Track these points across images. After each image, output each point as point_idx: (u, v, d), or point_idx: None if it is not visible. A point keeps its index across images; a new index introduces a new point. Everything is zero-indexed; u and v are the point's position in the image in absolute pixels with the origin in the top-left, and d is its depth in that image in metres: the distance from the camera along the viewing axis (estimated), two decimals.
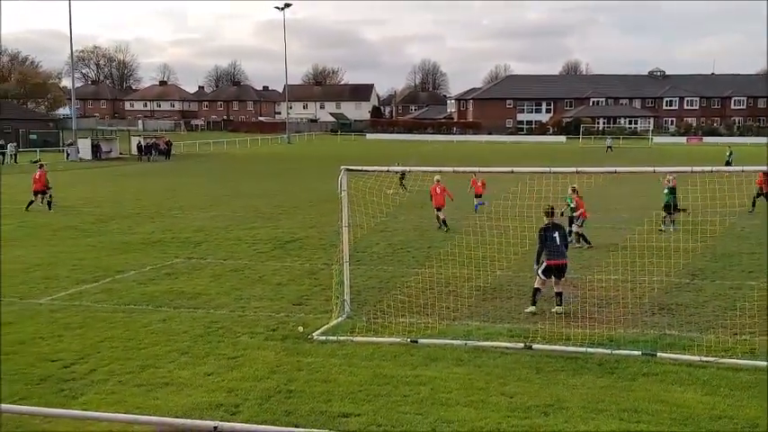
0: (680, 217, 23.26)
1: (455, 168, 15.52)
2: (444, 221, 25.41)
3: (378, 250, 21.79)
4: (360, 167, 15.37)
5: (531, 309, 14.80)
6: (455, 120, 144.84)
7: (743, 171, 14.61)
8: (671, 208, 24.09)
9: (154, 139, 75.34)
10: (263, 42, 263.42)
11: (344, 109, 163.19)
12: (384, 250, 21.92)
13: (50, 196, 31.21)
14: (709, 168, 13.25)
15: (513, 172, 15.01)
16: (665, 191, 24.44)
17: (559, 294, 14.85)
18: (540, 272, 14.86)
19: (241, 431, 6.47)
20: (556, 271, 14.75)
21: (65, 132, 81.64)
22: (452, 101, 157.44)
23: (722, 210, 27.36)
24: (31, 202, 31.06)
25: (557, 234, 14.85)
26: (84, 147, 68.13)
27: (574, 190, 21.86)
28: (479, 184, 29.39)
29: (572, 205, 22.05)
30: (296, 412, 9.88)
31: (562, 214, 21.39)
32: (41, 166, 32.92)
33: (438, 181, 25.35)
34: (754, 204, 28.67)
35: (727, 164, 48.67)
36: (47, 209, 30.66)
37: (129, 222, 28.01)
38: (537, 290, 14.94)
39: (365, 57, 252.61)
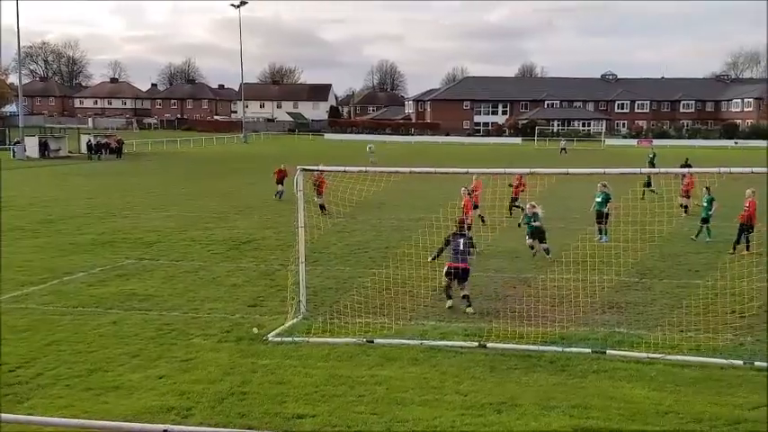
0: (628, 218, 23.65)
1: (411, 169, 15.59)
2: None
3: (335, 251, 21.76)
4: (316, 167, 15.37)
5: (449, 303, 15.35)
6: (413, 121, 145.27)
7: (695, 172, 14.95)
8: (602, 216, 22.88)
9: (105, 138, 74.02)
10: (219, 40, 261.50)
11: (302, 109, 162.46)
12: (341, 251, 21.90)
13: None
14: (656, 171, 13.52)
15: (468, 173, 15.19)
16: (598, 198, 23.22)
17: (466, 297, 15.33)
18: (444, 274, 15.55)
19: None
20: (455, 274, 15.28)
21: (11, 130, 79.66)
22: (410, 102, 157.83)
23: (669, 211, 27.97)
24: None
25: (461, 240, 15.47)
26: (32, 145, 66.58)
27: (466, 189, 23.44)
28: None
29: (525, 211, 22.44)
30: (250, 414, 9.83)
31: (519, 225, 22.35)
32: None
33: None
34: (686, 210, 28.28)
35: (651, 165, 50.23)
36: None
37: (78, 223, 27.52)
38: (447, 287, 15.52)
39: (323, 56, 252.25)
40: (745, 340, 12.88)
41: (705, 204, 23.70)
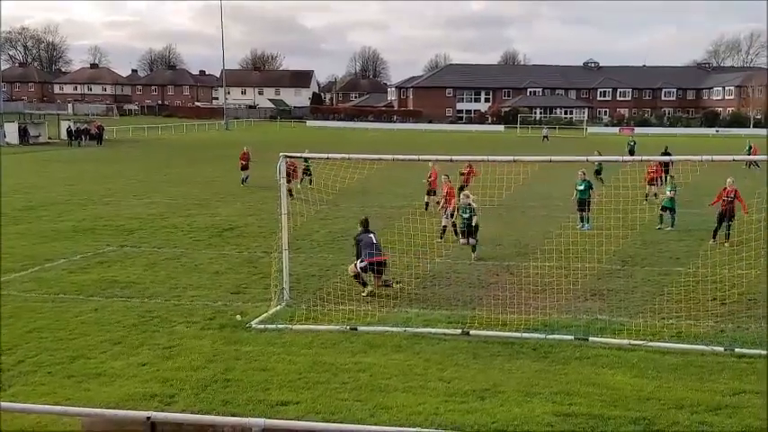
0: (610, 205, 23.79)
1: (395, 157, 15.56)
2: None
3: (318, 238, 21.73)
4: (299, 154, 15.30)
5: (368, 289, 15.35)
6: (395, 108, 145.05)
7: (687, 160, 15.04)
8: (585, 204, 23.12)
9: (85, 124, 73.38)
10: (200, 26, 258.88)
11: (284, 95, 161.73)
12: (324, 238, 21.87)
13: None
14: (639, 158, 13.58)
15: (452, 161, 15.19)
16: (580, 186, 23.37)
17: (387, 283, 15.55)
18: (359, 266, 15.45)
19: (175, 421, 6.37)
20: (376, 267, 15.35)
21: None
22: (393, 89, 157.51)
23: (652, 198, 28.15)
24: None
25: (372, 235, 15.73)
26: (11, 131, 65.93)
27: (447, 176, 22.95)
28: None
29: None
30: (233, 401, 9.81)
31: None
32: None
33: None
34: (655, 197, 27.99)
35: (631, 152, 50.92)
36: None
37: (59, 209, 27.29)
38: (357, 276, 15.50)
39: (305, 43, 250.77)
40: (726, 327, 13.00)
41: (668, 193, 23.84)
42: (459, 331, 12.71)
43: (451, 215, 21.06)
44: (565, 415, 9.36)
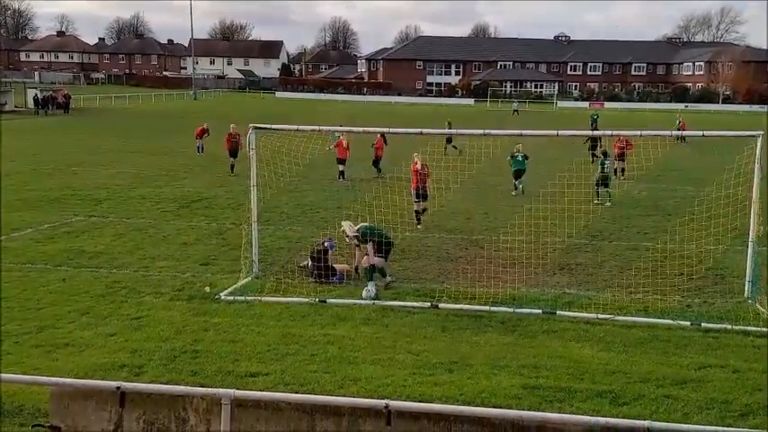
0: (581, 180, 23.98)
1: (365, 128, 15.50)
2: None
3: (287, 210, 21.65)
4: (268, 126, 15.16)
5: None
6: (366, 80, 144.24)
7: (641, 135, 15.17)
8: (521, 174, 25.64)
9: (51, 92, 72.02)
10: None
11: (253, 66, 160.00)
12: (293, 210, 21.79)
13: None
14: (610, 132, 13.66)
15: (422, 133, 15.16)
16: (519, 157, 25.44)
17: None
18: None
19: (144, 391, 6.35)
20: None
21: None
22: (363, 61, 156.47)
23: (621, 174, 28.35)
24: None
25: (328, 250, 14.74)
26: None
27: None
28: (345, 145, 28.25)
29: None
30: (202, 372, 9.80)
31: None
32: None
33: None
34: (622, 172, 28.59)
35: (593, 124, 51.60)
36: None
37: (25, 178, 26.85)
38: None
39: (275, 13, 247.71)
40: (693, 302, 13.20)
41: (600, 168, 24.24)
42: (428, 304, 12.77)
43: (417, 197, 19.74)
44: (532, 387, 9.47)
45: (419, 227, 19.46)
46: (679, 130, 41.25)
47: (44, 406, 7.43)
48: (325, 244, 14.69)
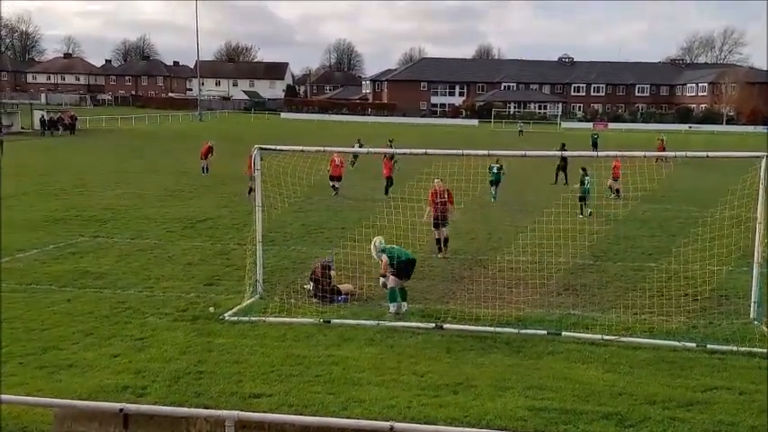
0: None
1: (369, 150, 15.54)
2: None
3: (291, 230, 21.66)
4: (274, 147, 15.20)
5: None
6: (370, 101, 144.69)
7: (644, 156, 15.17)
8: (497, 183, 28.58)
9: (58, 114, 72.42)
10: (174, 16, 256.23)
11: (258, 87, 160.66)
12: (298, 231, 21.81)
13: None
14: (613, 154, 13.65)
15: (426, 153, 15.19)
16: (495, 170, 28.35)
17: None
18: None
19: (148, 413, 6.33)
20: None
21: None
22: (367, 82, 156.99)
23: (625, 194, 28.38)
24: None
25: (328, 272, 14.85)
26: None
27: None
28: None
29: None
30: (206, 393, 9.76)
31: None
32: None
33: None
34: (617, 193, 28.82)
35: (594, 145, 51.88)
36: None
37: (31, 199, 26.95)
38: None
39: (280, 34, 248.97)
40: (698, 323, 13.12)
41: (582, 185, 25.26)
42: (433, 325, 12.74)
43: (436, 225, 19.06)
44: (537, 409, 9.41)
45: (439, 255, 18.64)
46: (657, 150, 41.52)
47: (48, 428, 7.41)
48: (323, 262, 14.72)
